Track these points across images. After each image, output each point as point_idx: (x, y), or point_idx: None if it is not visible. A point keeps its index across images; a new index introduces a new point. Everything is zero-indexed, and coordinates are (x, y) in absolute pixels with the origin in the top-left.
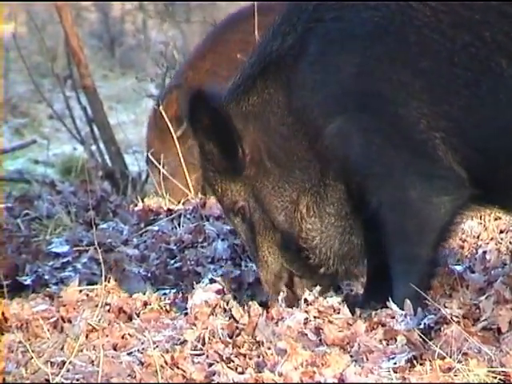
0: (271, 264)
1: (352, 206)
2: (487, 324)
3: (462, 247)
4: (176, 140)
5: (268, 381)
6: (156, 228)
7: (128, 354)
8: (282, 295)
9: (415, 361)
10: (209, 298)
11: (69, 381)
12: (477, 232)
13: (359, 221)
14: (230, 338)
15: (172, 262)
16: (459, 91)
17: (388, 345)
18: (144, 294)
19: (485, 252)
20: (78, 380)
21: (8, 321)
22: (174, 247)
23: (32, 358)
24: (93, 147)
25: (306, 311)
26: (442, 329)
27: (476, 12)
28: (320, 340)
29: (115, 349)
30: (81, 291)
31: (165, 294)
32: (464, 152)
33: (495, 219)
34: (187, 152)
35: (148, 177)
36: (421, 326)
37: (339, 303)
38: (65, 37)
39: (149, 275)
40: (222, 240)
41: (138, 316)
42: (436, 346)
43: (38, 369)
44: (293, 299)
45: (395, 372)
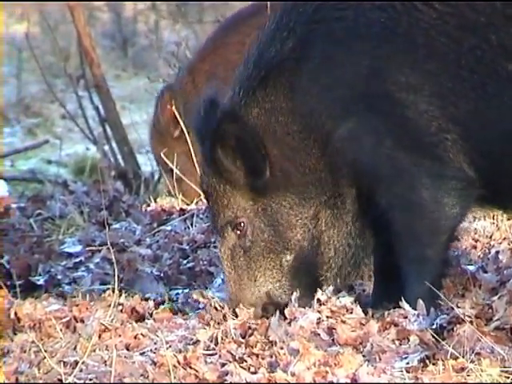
0: (258, 286)
1: (359, 211)
2: (500, 324)
3: (475, 247)
4: (176, 141)
5: (281, 381)
6: (169, 228)
7: (141, 354)
8: (296, 294)
9: (428, 361)
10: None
11: (81, 381)
12: (489, 232)
13: (364, 224)
14: (243, 338)
15: (185, 262)
16: (466, 94)
17: (401, 345)
18: (157, 294)
19: (497, 252)
20: (91, 380)
21: (21, 321)
22: (187, 247)
23: (45, 358)
24: (105, 147)
25: (319, 311)
26: (455, 329)
27: (481, 14)
28: (333, 340)
29: (128, 349)
30: (93, 291)
31: (177, 294)
32: (472, 154)
33: (508, 219)
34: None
35: (161, 177)
36: (433, 326)
37: (352, 303)
38: (77, 37)
39: (161, 275)
40: None
41: (151, 316)
42: (449, 346)
43: (51, 369)
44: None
45: (408, 372)
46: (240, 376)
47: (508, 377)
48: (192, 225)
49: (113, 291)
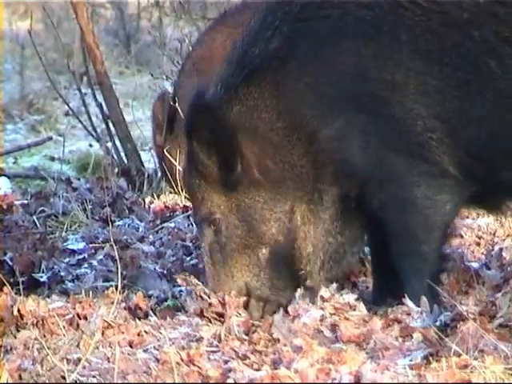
0: (236, 281)
1: (344, 209)
2: (504, 321)
3: (479, 244)
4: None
5: (284, 378)
6: (172, 225)
7: (144, 351)
8: (300, 292)
9: (431, 358)
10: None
11: (85, 378)
12: (493, 229)
13: (346, 222)
14: (246, 335)
15: (188, 259)
16: (451, 92)
17: (404, 342)
18: (160, 291)
19: (501, 249)
20: (94, 377)
21: (24, 317)
22: (190, 244)
23: (48, 355)
24: (109, 144)
25: (322, 308)
26: (459, 326)
27: (465, 11)
28: (336, 337)
29: (131, 346)
30: (97, 288)
31: (181, 291)
32: (458, 154)
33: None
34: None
35: (163, 176)
36: (437, 323)
37: (355, 300)
38: (81, 34)
39: (165, 272)
40: None
41: (154, 313)
42: (452, 343)
43: (54, 366)
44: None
45: (411, 369)
46: (243, 373)
47: None
48: None
49: (116, 288)
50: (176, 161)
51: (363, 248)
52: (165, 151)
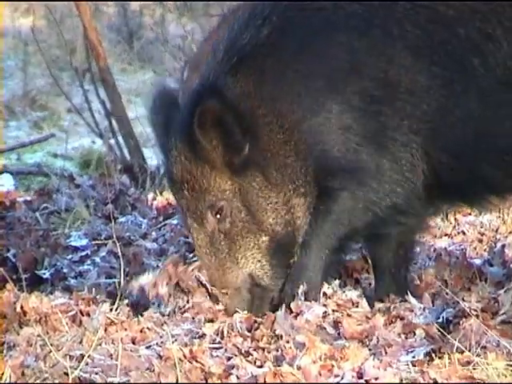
0: (243, 268)
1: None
2: (506, 317)
3: (481, 241)
4: None
5: (287, 374)
6: (175, 221)
7: (147, 348)
8: (302, 288)
9: (434, 354)
10: None
11: (87, 374)
12: (495, 226)
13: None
14: (249, 332)
15: (191, 256)
16: (437, 91)
17: (407, 338)
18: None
19: (503, 245)
20: (97, 373)
21: (27, 314)
22: None
23: (51, 352)
24: (111, 141)
25: (325, 305)
26: (461, 322)
27: (451, 7)
28: (338, 333)
29: (134, 342)
30: (99, 285)
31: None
32: (438, 154)
33: None
34: None
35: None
36: (439, 320)
37: (358, 297)
38: (83, 30)
39: None
40: None
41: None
42: (455, 340)
43: (57, 362)
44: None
45: (414, 365)
46: (246, 369)
47: None
48: None
49: (119, 285)
50: None
51: None
52: None
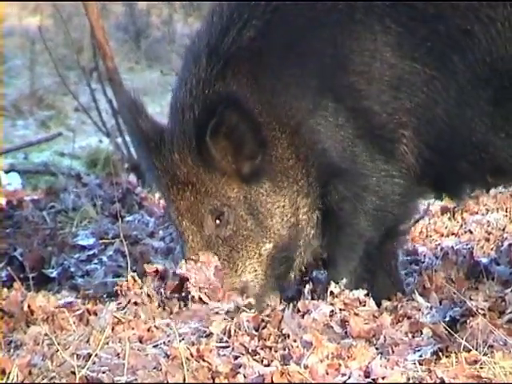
0: (239, 276)
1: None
2: None
3: (488, 240)
4: None
5: (294, 373)
6: None
7: (154, 347)
8: (308, 287)
9: (441, 353)
10: None
11: (95, 373)
12: (502, 224)
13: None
14: (256, 331)
15: None
16: (419, 87)
17: (414, 337)
18: None
19: (510, 244)
20: (104, 372)
21: (34, 313)
22: None
23: (58, 351)
24: (118, 140)
25: (332, 304)
26: (468, 321)
27: (430, 5)
28: (346, 332)
29: (141, 341)
30: (106, 283)
31: None
32: (423, 150)
33: None
34: None
35: None
36: (446, 319)
37: (365, 296)
38: (90, 29)
39: None
40: None
41: (164, 309)
42: (462, 339)
43: (64, 361)
44: None
45: (421, 364)
46: (253, 368)
47: None
48: None
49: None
50: None
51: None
52: None
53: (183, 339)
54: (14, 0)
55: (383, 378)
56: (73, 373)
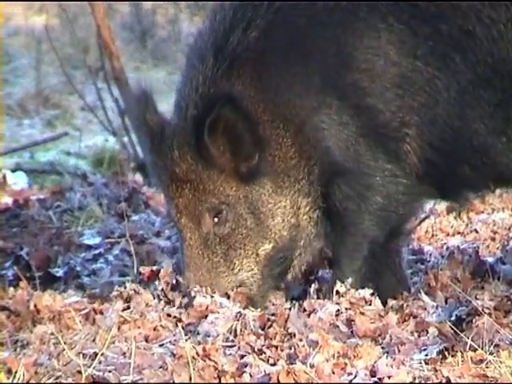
0: (236, 274)
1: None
2: None
3: (494, 239)
4: None
5: (300, 372)
6: None
7: (160, 346)
8: (314, 287)
9: (447, 352)
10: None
11: (101, 372)
12: (508, 224)
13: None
14: (262, 330)
15: None
16: (421, 86)
17: (420, 336)
18: None
19: None
20: (110, 372)
21: (40, 312)
22: None
23: (64, 350)
24: (125, 139)
25: (338, 303)
26: (474, 320)
27: (432, 4)
28: (352, 332)
29: (147, 340)
30: (112, 283)
31: None
32: (425, 149)
33: None
34: None
35: None
36: (452, 318)
37: (371, 295)
38: (96, 29)
39: None
40: None
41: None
42: (467, 338)
43: (70, 360)
44: None
45: (427, 364)
46: (259, 368)
47: None
48: None
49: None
50: None
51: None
52: None
53: (189, 338)
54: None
55: (389, 378)
56: (79, 372)
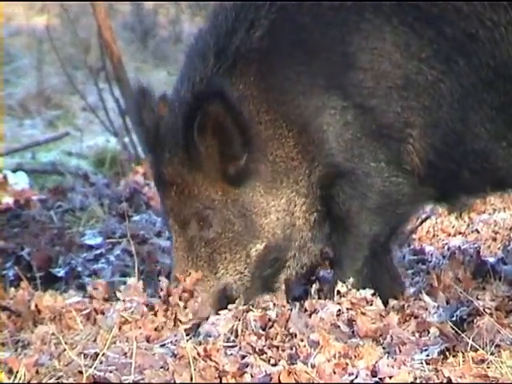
0: (220, 278)
1: (322, 201)
2: None
3: (495, 239)
4: None
5: (301, 373)
6: None
7: (161, 346)
8: (315, 287)
9: (448, 353)
10: None
11: (102, 372)
12: (509, 224)
13: (321, 217)
14: (263, 330)
15: None
16: (425, 89)
17: (421, 337)
18: None
19: None
20: (111, 372)
21: (41, 313)
22: None
23: (65, 350)
24: (126, 139)
25: (339, 303)
26: (475, 321)
27: (435, 6)
28: (353, 332)
29: (148, 341)
30: (114, 283)
31: None
32: (428, 152)
33: None
34: None
35: None
36: (453, 318)
37: (372, 295)
38: (98, 29)
39: None
40: None
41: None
42: (469, 338)
43: (71, 361)
44: None
45: (428, 364)
46: (260, 368)
47: None
48: None
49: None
50: None
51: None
52: None
53: (190, 338)
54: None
55: (390, 378)
56: (80, 372)
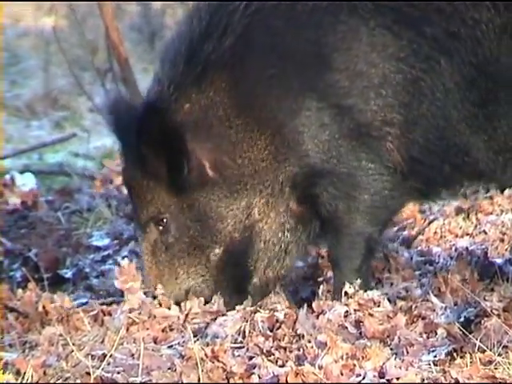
0: (180, 283)
1: (297, 206)
2: None
3: (502, 240)
4: None
5: (308, 374)
6: None
7: (168, 347)
8: (322, 288)
9: (455, 354)
10: None
11: (109, 374)
12: None
13: (298, 220)
14: (271, 331)
15: None
16: (405, 87)
17: (428, 338)
18: None
19: None
20: (119, 373)
21: (49, 314)
22: None
23: (73, 351)
24: None
25: (347, 304)
26: (482, 322)
27: (416, 8)
28: (360, 333)
29: (156, 342)
30: None
31: None
32: (409, 149)
33: None
34: None
35: None
36: (461, 319)
37: (379, 296)
38: (105, 30)
39: None
40: None
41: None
42: (476, 339)
43: (79, 362)
44: None
45: (435, 365)
46: (267, 369)
47: None
48: None
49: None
50: None
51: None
52: None
53: (198, 340)
54: (29, 0)
55: (398, 379)
56: (87, 373)
